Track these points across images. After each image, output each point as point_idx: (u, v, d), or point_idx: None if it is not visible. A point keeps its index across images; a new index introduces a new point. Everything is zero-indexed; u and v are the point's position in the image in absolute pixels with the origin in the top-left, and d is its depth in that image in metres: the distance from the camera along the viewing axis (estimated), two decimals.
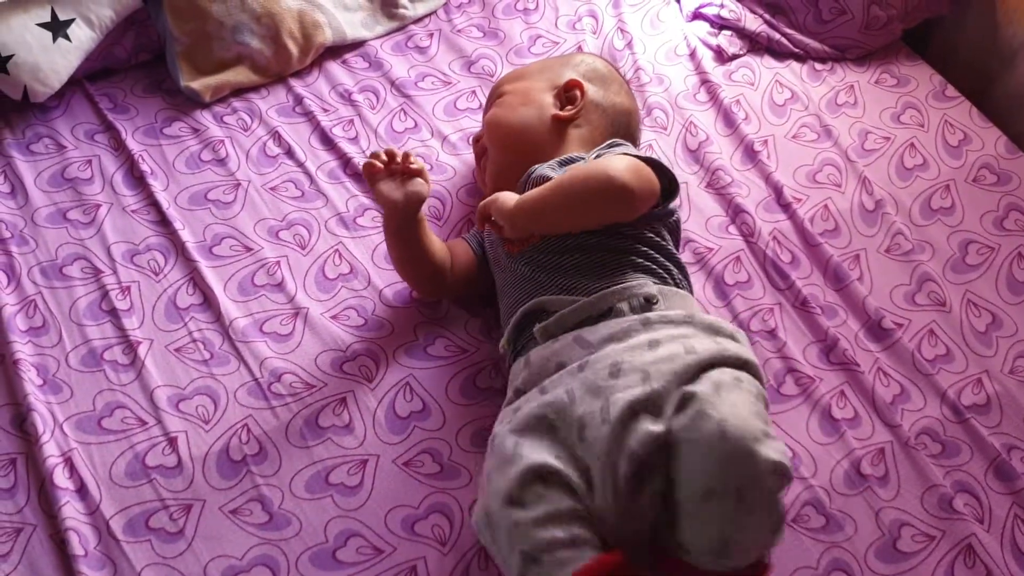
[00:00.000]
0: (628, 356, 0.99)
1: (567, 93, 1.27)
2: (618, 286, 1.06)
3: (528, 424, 0.96)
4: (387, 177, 1.15)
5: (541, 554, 0.88)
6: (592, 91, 1.28)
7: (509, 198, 1.11)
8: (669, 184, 1.14)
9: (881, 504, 1.09)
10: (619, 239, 1.11)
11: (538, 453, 0.93)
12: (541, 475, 0.92)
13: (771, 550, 0.95)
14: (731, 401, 0.92)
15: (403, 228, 1.16)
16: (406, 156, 1.16)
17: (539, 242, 1.12)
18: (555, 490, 0.91)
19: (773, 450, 0.89)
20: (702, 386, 0.94)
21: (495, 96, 1.32)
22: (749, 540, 0.90)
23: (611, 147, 1.20)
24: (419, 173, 1.16)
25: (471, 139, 1.36)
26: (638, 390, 0.94)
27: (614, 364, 0.98)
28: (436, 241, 1.20)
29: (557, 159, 1.20)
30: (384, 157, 1.16)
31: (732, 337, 1.05)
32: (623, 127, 1.29)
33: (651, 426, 0.92)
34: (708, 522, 0.88)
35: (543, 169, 1.18)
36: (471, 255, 1.23)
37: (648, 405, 0.94)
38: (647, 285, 1.07)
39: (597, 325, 1.04)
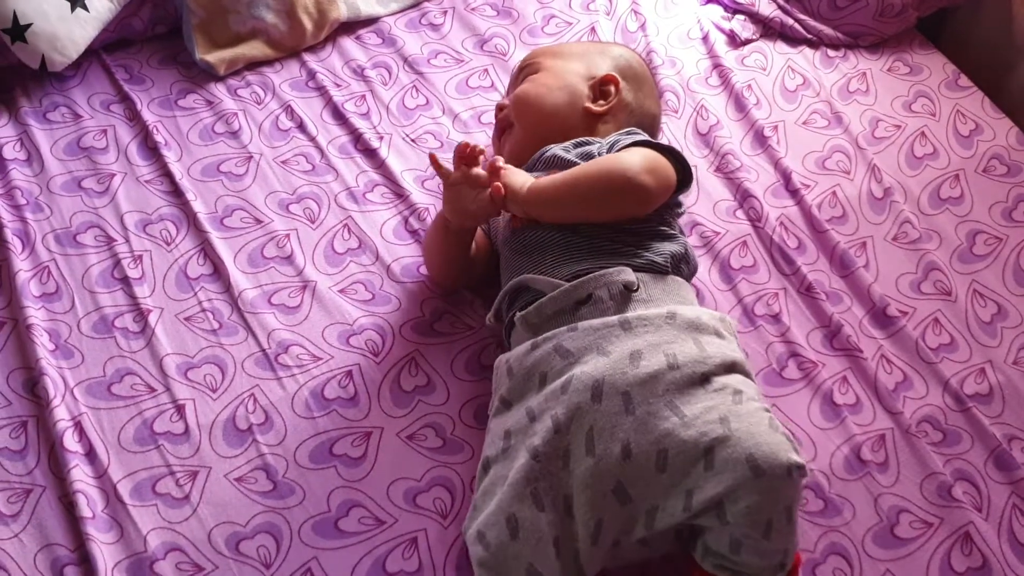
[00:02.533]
0: (610, 376, 0.98)
1: (602, 87, 1.26)
2: (597, 272, 1.06)
3: (519, 486, 0.95)
4: (465, 181, 1.12)
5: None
6: (626, 90, 1.27)
7: (521, 181, 1.11)
8: (683, 174, 1.14)
9: (880, 490, 1.09)
10: (616, 223, 1.10)
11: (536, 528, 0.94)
12: (539, 533, 0.94)
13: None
14: (745, 425, 0.94)
15: (462, 233, 1.17)
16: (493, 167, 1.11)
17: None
18: (552, 550, 0.94)
19: (795, 453, 0.93)
20: (713, 426, 0.94)
21: (529, 68, 1.29)
22: (795, 542, 0.95)
23: (626, 134, 1.19)
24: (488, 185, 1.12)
25: (496, 106, 1.32)
26: (621, 421, 0.96)
27: (596, 384, 0.98)
28: (479, 231, 1.20)
29: (572, 141, 1.20)
30: (471, 160, 1.11)
31: (716, 333, 1.04)
32: (646, 129, 1.29)
33: (632, 469, 0.95)
34: (773, 545, 0.92)
35: (556, 150, 1.18)
36: (488, 245, 1.23)
37: (627, 447, 0.95)
38: (625, 272, 1.06)
39: (576, 327, 1.03)
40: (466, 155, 1.12)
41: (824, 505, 1.08)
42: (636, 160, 1.10)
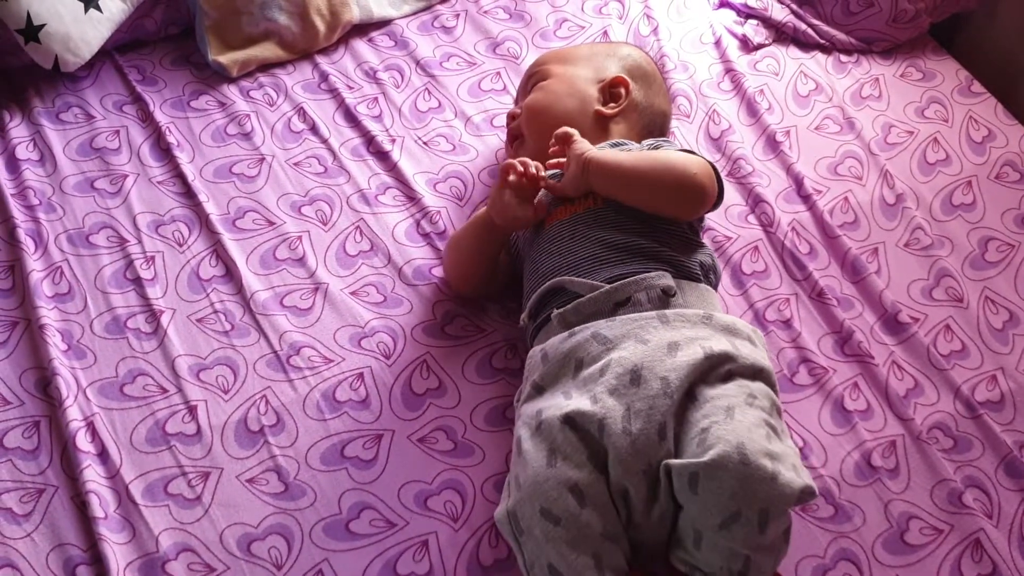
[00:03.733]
0: (648, 362, 0.99)
1: (612, 89, 1.27)
2: (638, 276, 1.07)
3: (554, 433, 0.97)
4: (512, 188, 1.14)
5: (567, 571, 0.91)
6: (635, 90, 1.27)
7: (587, 144, 1.13)
8: (719, 192, 1.16)
9: (890, 496, 1.09)
10: (656, 227, 1.12)
11: (571, 469, 0.94)
12: (574, 491, 0.93)
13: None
14: (747, 425, 0.94)
15: (499, 238, 1.18)
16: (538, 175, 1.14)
17: (583, 211, 1.13)
18: (587, 509, 0.93)
19: (795, 473, 0.92)
20: (716, 414, 0.95)
21: (537, 75, 1.30)
22: (769, 563, 0.93)
23: (664, 142, 1.20)
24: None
25: (508, 115, 1.33)
26: (660, 403, 0.96)
27: (635, 370, 0.99)
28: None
29: (608, 143, 1.20)
30: (520, 169, 1.14)
31: (749, 339, 1.06)
32: (657, 128, 1.29)
33: (666, 452, 0.95)
34: (730, 545, 0.91)
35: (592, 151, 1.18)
36: (507, 258, 1.23)
37: (663, 428, 0.95)
38: (665, 277, 1.07)
39: (615, 319, 1.05)
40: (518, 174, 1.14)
41: (834, 511, 1.08)
42: (698, 164, 1.12)
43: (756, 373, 1.01)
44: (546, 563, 0.93)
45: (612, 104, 1.26)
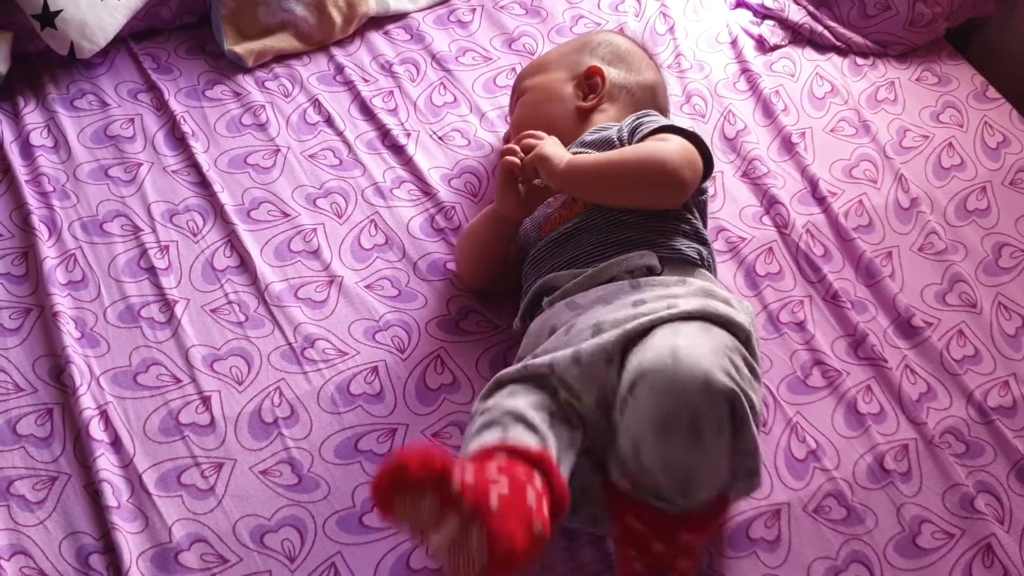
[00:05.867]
0: (611, 315, 1.00)
1: (588, 81, 1.27)
2: (620, 257, 1.07)
3: (505, 379, 0.99)
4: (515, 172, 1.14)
5: (499, 417, 0.92)
6: (614, 74, 1.27)
7: (558, 156, 1.11)
8: (706, 161, 1.14)
9: (903, 499, 1.10)
10: (648, 217, 1.11)
11: (515, 400, 0.95)
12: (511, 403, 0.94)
13: (737, 493, 0.97)
14: (688, 333, 0.93)
15: (508, 230, 1.18)
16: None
17: (574, 216, 1.13)
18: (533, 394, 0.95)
19: (727, 377, 0.89)
20: (665, 333, 0.94)
21: (517, 93, 1.31)
22: (709, 472, 0.90)
23: (644, 116, 1.18)
24: None
25: (503, 138, 1.37)
26: (611, 338, 0.96)
27: (596, 325, 1.00)
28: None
29: (579, 139, 1.20)
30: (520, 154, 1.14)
31: (726, 302, 1.03)
32: (648, 101, 1.29)
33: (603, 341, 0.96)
34: (667, 453, 0.88)
35: (574, 147, 1.18)
36: (516, 253, 1.22)
37: (611, 357, 0.95)
38: (648, 256, 1.07)
39: (589, 290, 1.06)
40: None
41: (847, 513, 1.08)
42: (674, 150, 1.09)
43: (725, 324, 0.99)
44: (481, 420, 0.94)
45: (592, 96, 1.26)
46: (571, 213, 1.14)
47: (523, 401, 0.95)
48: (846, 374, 1.19)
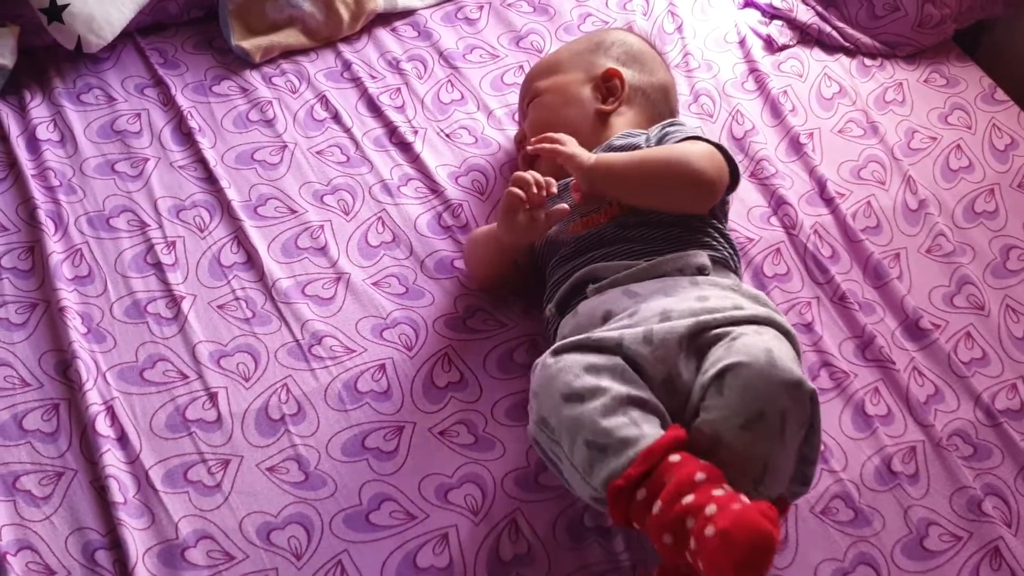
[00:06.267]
0: (677, 306, 1.00)
1: (607, 84, 1.26)
2: (673, 254, 1.08)
3: (571, 345, 0.98)
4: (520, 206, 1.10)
5: (607, 440, 0.90)
6: (630, 76, 1.26)
7: (586, 154, 1.11)
8: (732, 172, 1.14)
9: (910, 502, 1.09)
10: (684, 223, 1.11)
11: (583, 356, 0.95)
12: (594, 369, 0.93)
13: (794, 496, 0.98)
14: (772, 339, 0.96)
15: (512, 250, 1.16)
16: (548, 187, 1.11)
17: (608, 221, 1.12)
18: (609, 378, 0.93)
19: (810, 383, 0.93)
20: (744, 332, 0.96)
21: (530, 95, 1.29)
22: (785, 467, 0.92)
23: (671, 125, 1.19)
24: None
25: (514, 139, 1.35)
26: (682, 323, 0.97)
27: (664, 312, 1.00)
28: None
29: (606, 144, 1.19)
30: (532, 189, 1.10)
31: (775, 310, 1.07)
32: (663, 103, 1.28)
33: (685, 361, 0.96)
34: (751, 445, 0.90)
35: (599, 150, 1.17)
36: (526, 259, 1.21)
37: (682, 340, 0.97)
38: (702, 255, 1.08)
39: (645, 282, 1.05)
40: (523, 196, 1.11)
41: (854, 515, 1.08)
42: (702, 153, 1.10)
43: (784, 332, 1.02)
44: (582, 443, 0.91)
45: (611, 99, 1.25)
46: (605, 218, 1.13)
47: (610, 380, 0.93)
48: (854, 376, 1.19)
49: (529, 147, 1.17)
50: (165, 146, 1.36)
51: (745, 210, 1.34)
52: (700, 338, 0.98)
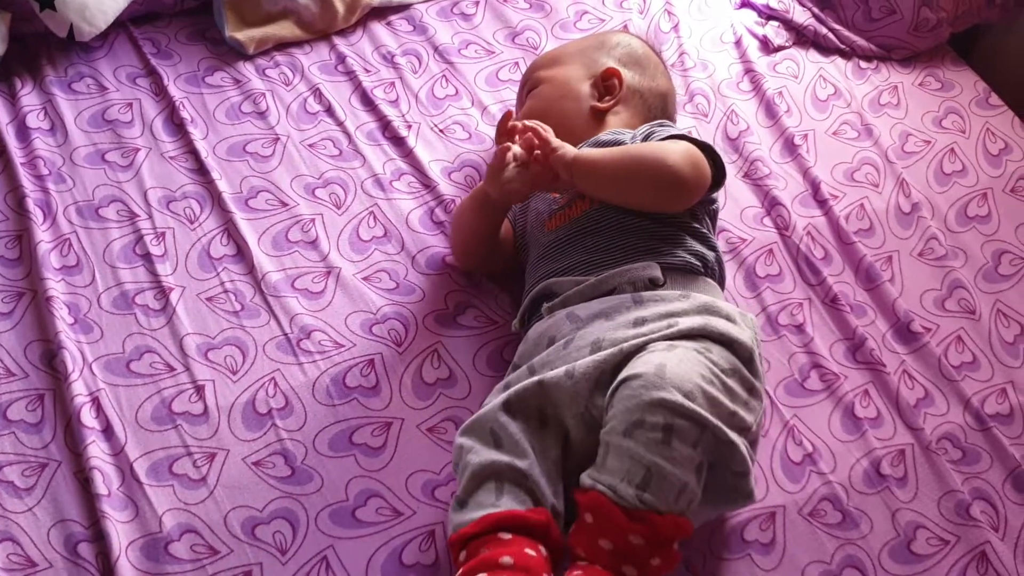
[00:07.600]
0: (611, 334, 1.01)
1: (605, 83, 1.26)
2: (622, 267, 1.07)
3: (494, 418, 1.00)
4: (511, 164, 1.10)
5: (465, 496, 0.95)
6: (629, 77, 1.26)
7: (569, 147, 1.11)
8: (717, 171, 1.14)
9: (898, 505, 1.09)
10: (653, 221, 1.11)
11: (488, 453, 0.97)
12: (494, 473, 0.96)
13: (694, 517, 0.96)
14: (681, 354, 0.96)
15: (498, 211, 1.17)
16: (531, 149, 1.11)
17: (579, 215, 1.12)
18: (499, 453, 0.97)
19: (705, 411, 0.92)
20: (657, 348, 0.97)
21: (530, 84, 1.29)
22: (672, 478, 0.91)
23: (658, 125, 1.19)
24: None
25: (502, 116, 1.34)
26: (608, 357, 0.99)
27: (596, 342, 1.01)
28: (506, 223, 1.21)
29: (600, 136, 1.19)
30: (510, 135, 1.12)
31: (728, 318, 1.04)
32: (659, 109, 1.28)
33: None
34: (630, 451, 0.91)
35: (585, 147, 1.17)
36: (512, 236, 1.23)
37: (603, 375, 0.98)
38: (652, 267, 1.07)
39: (591, 301, 1.06)
40: (506, 130, 1.13)
41: (842, 518, 1.08)
42: (679, 151, 1.09)
43: (728, 343, 1.01)
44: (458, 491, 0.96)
45: (608, 97, 1.25)
46: (577, 212, 1.14)
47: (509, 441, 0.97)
48: (844, 378, 1.19)
49: (517, 123, 1.14)
50: (156, 136, 1.35)
51: (738, 210, 1.34)
52: (620, 368, 0.98)
